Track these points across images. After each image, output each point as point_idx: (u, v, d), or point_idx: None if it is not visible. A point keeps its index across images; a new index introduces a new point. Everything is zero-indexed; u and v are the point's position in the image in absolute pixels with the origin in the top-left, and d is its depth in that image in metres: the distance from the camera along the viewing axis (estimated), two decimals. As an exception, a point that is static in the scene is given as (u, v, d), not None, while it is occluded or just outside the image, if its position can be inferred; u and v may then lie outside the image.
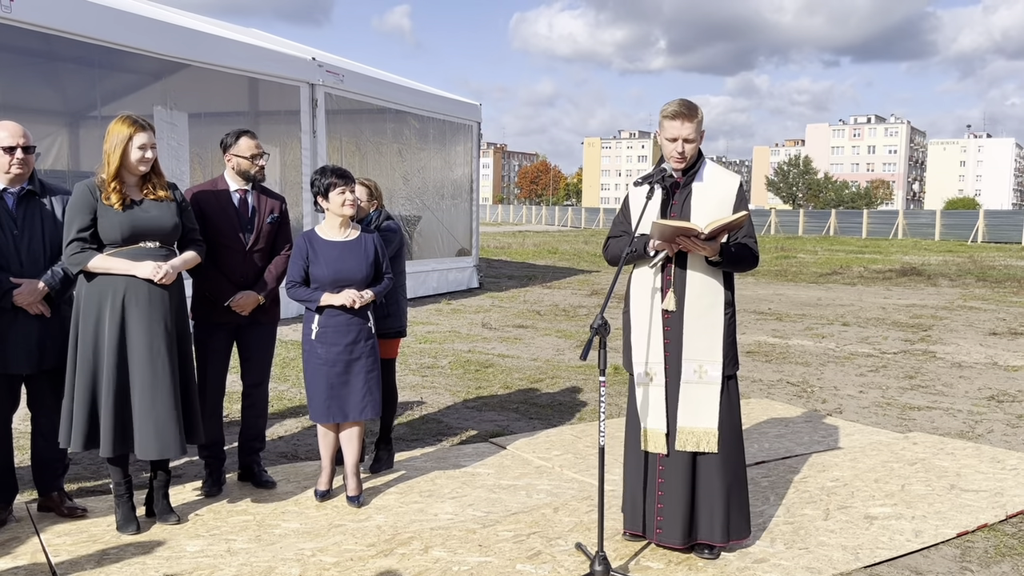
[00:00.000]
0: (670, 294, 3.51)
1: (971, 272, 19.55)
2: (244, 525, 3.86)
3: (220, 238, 4.13)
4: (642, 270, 3.59)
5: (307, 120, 10.64)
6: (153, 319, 3.59)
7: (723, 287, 3.55)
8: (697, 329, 3.51)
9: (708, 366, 3.51)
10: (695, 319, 3.51)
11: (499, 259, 22.48)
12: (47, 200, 3.77)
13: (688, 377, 3.52)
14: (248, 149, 4.20)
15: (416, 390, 6.83)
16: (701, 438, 3.50)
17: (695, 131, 3.48)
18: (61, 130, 8.98)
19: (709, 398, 3.51)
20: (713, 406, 3.51)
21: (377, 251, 4.17)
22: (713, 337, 3.51)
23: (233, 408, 5.30)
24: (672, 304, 3.51)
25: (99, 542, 3.62)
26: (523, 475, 4.65)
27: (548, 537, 3.76)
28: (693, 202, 3.52)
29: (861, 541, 3.75)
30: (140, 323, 3.57)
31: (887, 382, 7.46)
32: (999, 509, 4.17)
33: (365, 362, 4.09)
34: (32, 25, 7.47)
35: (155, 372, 3.58)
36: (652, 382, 3.57)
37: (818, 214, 45.01)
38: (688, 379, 3.52)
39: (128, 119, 3.60)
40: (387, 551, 3.59)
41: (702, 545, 3.57)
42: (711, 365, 3.51)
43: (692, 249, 3.42)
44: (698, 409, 3.51)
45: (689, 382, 3.52)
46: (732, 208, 3.53)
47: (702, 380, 3.51)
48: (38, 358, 3.70)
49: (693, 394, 3.52)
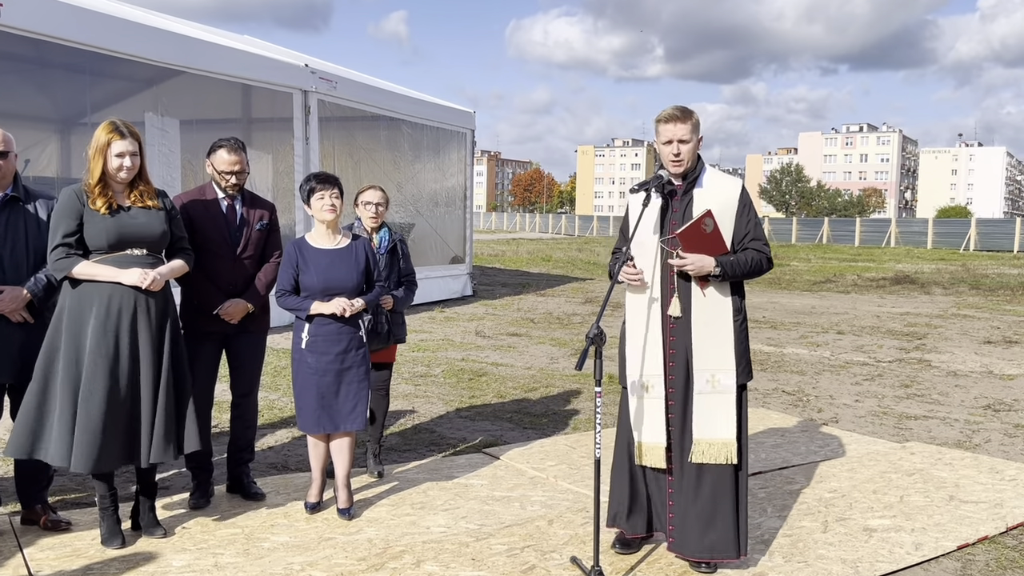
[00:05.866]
0: (675, 300, 3.45)
1: (964, 280, 19.58)
2: (232, 539, 3.77)
3: (208, 245, 4.05)
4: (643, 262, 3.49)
5: (300, 127, 10.58)
6: (138, 328, 3.51)
7: (731, 293, 3.46)
8: (706, 337, 3.42)
9: (720, 375, 3.42)
10: (703, 326, 3.43)
11: (493, 267, 22.42)
12: (31, 206, 3.70)
13: (701, 388, 3.42)
14: (222, 163, 4.08)
15: (409, 399, 6.76)
16: (720, 450, 3.39)
17: (690, 132, 3.45)
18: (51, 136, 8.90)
19: (725, 407, 3.41)
20: (730, 415, 3.41)
21: (368, 259, 4.11)
22: (724, 345, 3.42)
23: (222, 418, 5.21)
24: (678, 310, 3.44)
25: (83, 556, 3.54)
26: (517, 486, 4.58)
27: (543, 551, 3.69)
28: (695, 209, 3.46)
29: (861, 554, 3.69)
30: (125, 332, 3.48)
31: (883, 391, 7.42)
32: (999, 521, 4.12)
33: (356, 372, 4.03)
34: (22, 31, 7.39)
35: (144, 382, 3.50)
36: (648, 393, 3.50)
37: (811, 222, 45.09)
38: (701, 389, 3.42)
39: (110, 125, 3.52)
40: (378, 565, 3.51)
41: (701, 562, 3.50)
42: (724, 374, 3.42)
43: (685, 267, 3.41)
44: (713, 420, 3.41)
45: (702, 392, 3.42)
46: (735, 214, 3.47)
47: (715, 390, 3.41)
48: (20, 367, 3.61)
49: (707, 404, 3.42)
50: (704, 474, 3.45)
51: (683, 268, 3.40)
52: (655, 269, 3.48)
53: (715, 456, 3.39)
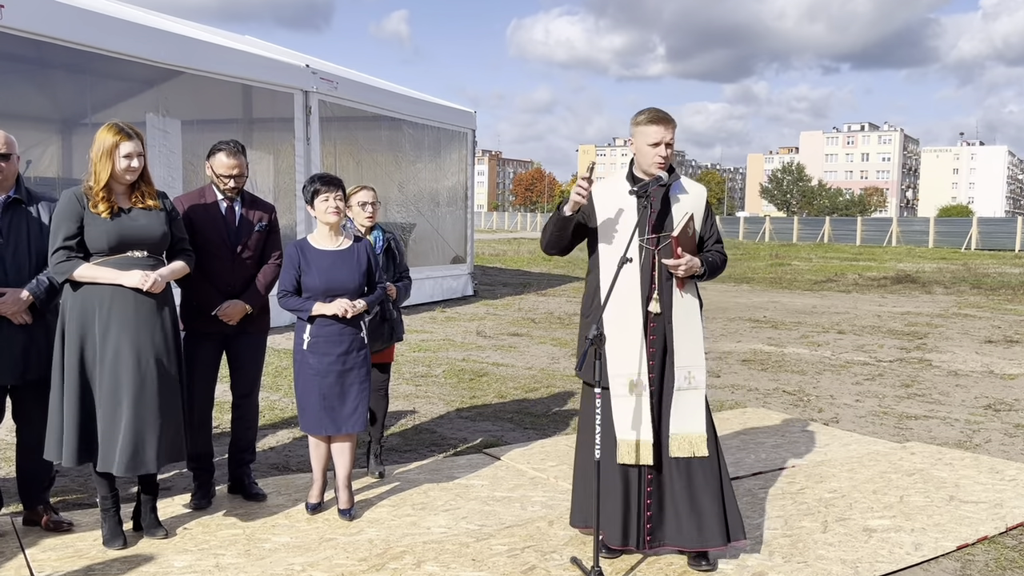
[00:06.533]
0: (655, 297, 3.51)
1: (965, 279, 19.57)
2: (233, 539, 3.79)
3: (208, 247, 4.06)
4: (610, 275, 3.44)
5: (301, 127, 10.59)
6: (140, 330, 3.52)
7: (696, 291, 3.63)
8: (683, 334, 3.53)
9: (695, 371, 3.55)
10: (681, 324, 3.54)
11: (494, 266, 22.43)
12: (33, 208, 3.70)
13: (680, 384, 3.52)
14: (221, 167, 4.09)
15: (409, 399, 6.77)
16: (694, 442, 3.51)
17: (673, 135, 3.55)
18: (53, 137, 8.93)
19: (698, 403, 3.55)
20: (701, 410, 3.55)
21: (370, 260, 4.12)
22: (696, 342, 3.57)
23: (223, 419, 5.23)
24: (658, 307, 3.51)
25: (85, 557, 3.55)
26: (517, 487, 4.59)
27: (543, 551, 3.69)
28: (674, 210, 3.55)
29: (860, 555, 3.70)
30: (127, 334, 3.49)
31: (884, 391, 7.42)
32: (999, 521, 4.13)
33: (358, 373, 4.04)
34: (23, 32, 7.40)
35: (143, 384, 3.51)
36: (637, 392, 3.50)
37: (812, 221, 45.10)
38: (680, 386, 3.52)
39: (114, 127, 3.53)
40: (379, 566, 3.52)
41: (698, 556, 3.52)
42: (698, 370, 3.55)
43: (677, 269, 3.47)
44: (690, 415, 3.52)
45: (681, 389, 3.52)
46: (703, 217, 3.63)
47: (691, 386, 3.54)
48: (22, 369, 3.62)
49: (684, 400, 3.52)
50: (685, 467, 3.51)
51: (680, 268, 3.46)
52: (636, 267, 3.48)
53: (693, 449, 3.50)
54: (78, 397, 3.47)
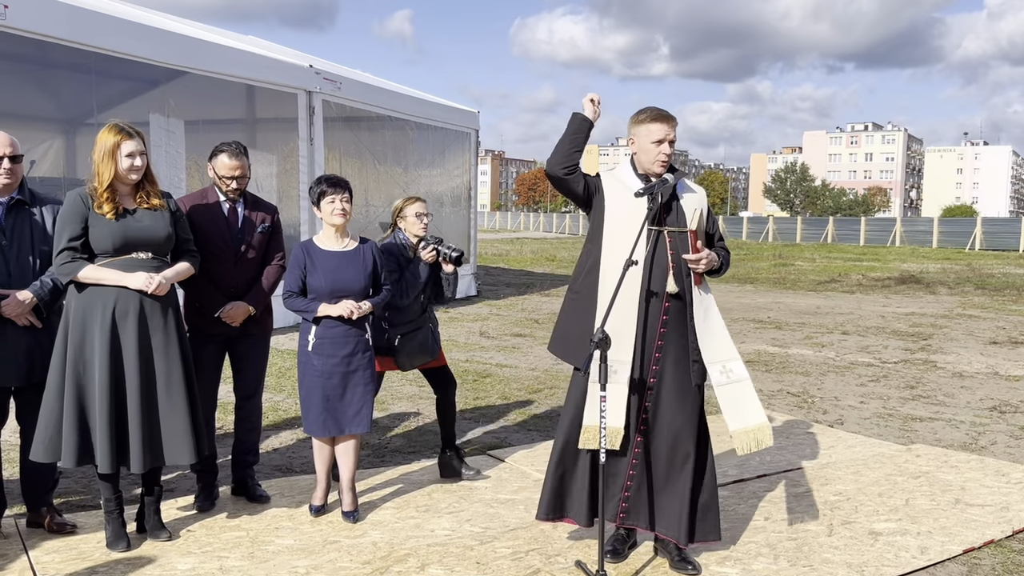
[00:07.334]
0: (671, 277, 3.46)
1: (970, 280, 19.52)
2: (237, 541, 3.78)
3: (210, 248, 4.04)
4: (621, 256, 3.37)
5: (304, 128, 10.59)
6: (144, 331, 3.52)
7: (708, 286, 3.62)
8: (707, 330, 3.50)
9: (731, 364, 3.52)
10: (702, 319, 3.50)
11: (497, 266, 22.41)
12: (37, 210, 3.70)
13: (718, 380, 3.50)
14: (223, 168, 4.09)
15: (413, 401, 6.76)
16: (757, 435, 3.49)
17: (675, 134, 3.53)
18: (56, 137, 8.92)
19: (747, 394, 3.51)
20: (755, 400, 3.52)
21: (376, 262, 4.10)
22: (722, 336, 3.54)
23: (227, 420, 5.22)
24: (674, 286, 3.46)
25: (88, 559, 3.54)
26: (521, 489, 4.58)
27: (547, 554, 3.68)
28: (684, 206, 3.56)
29: (866, 558, 3.68)
30: (131, 335, 3.49)
31: (888, 392, 7.40)
32: (1005, 524, 4.11)
33: (362, 375, 4.03)
34: (27, 32, 7.40)
35: (149, 385, 3.51)
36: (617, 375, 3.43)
37: (816, 221, 45.02)
38: (719, 381, 3.50)
39: (115, 127, 3.52)
40: (383, 569, 3.51)
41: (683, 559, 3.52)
42: (734, 363, 3.52)
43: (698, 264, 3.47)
44: (743, 408, 3.50)
45: (721, 384, 3.50)
46: (705, 215, 3.64)
47: (731, 380, 3.50)
48: (27, 370, 3.62)
49: (729, 396, 3.50)
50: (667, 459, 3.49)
51: (701, 261, 3.45)
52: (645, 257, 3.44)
53: (757, 443, 3.47)
54: (78, 398, 3.47)
